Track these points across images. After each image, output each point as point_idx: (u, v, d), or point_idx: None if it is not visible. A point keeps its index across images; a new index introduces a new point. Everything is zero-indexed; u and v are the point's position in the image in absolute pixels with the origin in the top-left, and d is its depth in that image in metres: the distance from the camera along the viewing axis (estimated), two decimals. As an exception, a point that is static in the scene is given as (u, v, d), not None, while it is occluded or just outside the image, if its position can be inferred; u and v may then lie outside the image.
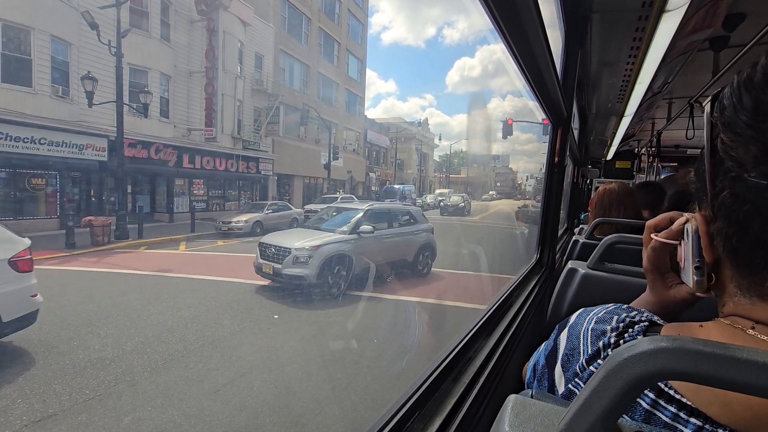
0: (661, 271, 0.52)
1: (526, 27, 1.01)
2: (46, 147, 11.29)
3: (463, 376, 0.96)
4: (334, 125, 26.38)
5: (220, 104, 17.01)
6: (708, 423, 0.33)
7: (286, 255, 6.62)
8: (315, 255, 6.56)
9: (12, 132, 10.48)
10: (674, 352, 0.24)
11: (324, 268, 6.59)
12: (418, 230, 8.61)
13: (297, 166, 22.74)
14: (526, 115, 61.63)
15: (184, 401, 3.44)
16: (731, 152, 0.33)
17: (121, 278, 7.25)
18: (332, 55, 27.46)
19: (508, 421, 0.33)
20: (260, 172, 19.94)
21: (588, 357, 0.45)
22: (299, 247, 6.63)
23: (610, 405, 0.26)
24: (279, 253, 6.73)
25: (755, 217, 0.32)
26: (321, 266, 6.54)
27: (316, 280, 6.49)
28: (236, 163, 18.44)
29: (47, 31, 11.23)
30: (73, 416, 3.14)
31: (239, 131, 18.46)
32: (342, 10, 27.99)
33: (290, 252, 6.58)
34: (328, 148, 23.73)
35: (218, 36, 16.72)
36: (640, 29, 1.87)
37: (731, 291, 0.38)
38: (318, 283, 6.50)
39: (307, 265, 6.49)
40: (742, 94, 0.32)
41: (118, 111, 11.16)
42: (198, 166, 16.61)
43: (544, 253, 2.18)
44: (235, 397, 3.53)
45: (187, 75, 16.55)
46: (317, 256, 6.57)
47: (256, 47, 19.75)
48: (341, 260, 6.89)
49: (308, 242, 6.73)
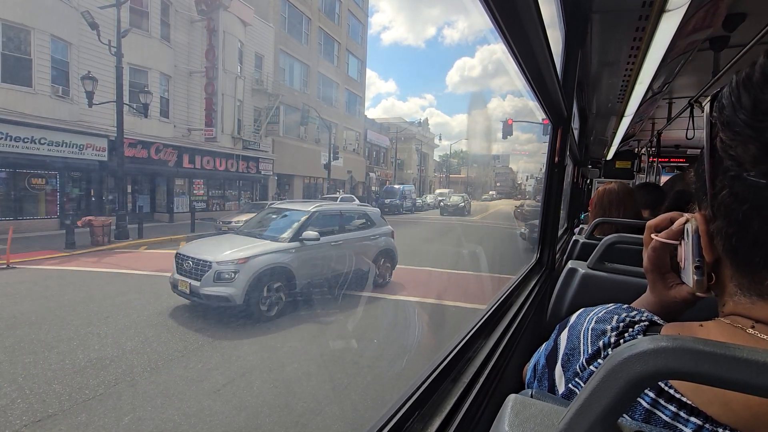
0: (662, 271, 0.52)
1: (526, 27, 1.01)
2: (46, 147, 11.29)
3: (462, 376, 0.96)
4: (334, 125, 26.38)
5: (220, 104, 17.00)
6: (708, 422, 0.33)
7: (205, 270, 5.29)
8: (243, 270, 5.29)
9: (12, 132, 10.48)
10: (674, 352, 0.24)
11: (255, 286, 5.36)
12: (376, 234, 7.51)
13: (297, 166, 22.75)
14: (526, 115, 61.65)
15: (184, 401, 3.44)
16: (730, 151, 0.33)
17: (121, 278, 7.25)
18: (332, 55, 27.46)
19: (508, 421, 0.33)
20: (260, 172, 19.94)
21: (588, 357, 0.45)
22: (222, 260, 5.33)
23: (610, 404, 0.26)
24: (197, 267, 5.35)
25: (754, 217, 0.32)
26: (250, 283, 5.30)
27: (244, 301, 5.25)
28: (236, 163, 18.44)
29: (47, 30, 11.23)
30: (73, 416, 3.14)
31: (239, 131, 18.46)
32: (342, 10, 27.99)
33: (210, 266, 5.27)
34: (328, 148, 23.73)
35: (218, 36, 16.72)
36: (640, 29, 1.87)
37: (731, 290, 0.38)
38: (246, 305, 5.28)
39: (232, 282, 5.22)
40: (741, 93, 0.32)
41: (118, 111, 11.15)
42: (198, 166, 16.61)
43: (544, 253, 2.18)
44: (235, 396, 3.53)
45: (187, 75, 16.55)
46: (246, 270, 5.31)
47: (256, 47, 19.75)
48: (278, 274, 5.70)
49: (234, 254, 5.49)
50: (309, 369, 4.18)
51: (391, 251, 7.69)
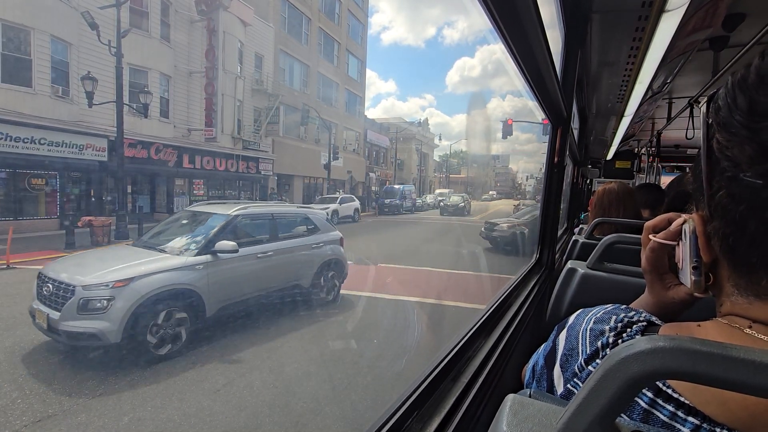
0: (660, 272, 0.52)
1: (525, 27, 1.01)
2: (46, 147, 11.30)
3: (462, 376, 0.96)
4: (334, 125, 26.39)
5: (220, 104, 17.01)
6: (705, 422, 0.33)
7: (67, 296, 3.83)
8: (121, 295, 3.89)
9: (12, 132, 10.49)
10: (672, 352, 0.24)
11: (140, 317, 3.96)
12: (319, 242, 6.20)
13: (297, 166, 22.75)
14: (526, 115, 61.59)
15: (184, 401, 3.44)
16: (727, 152, 0.33)
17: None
18: (332, 55, 27.47)
19: (506, 421, 0.33)
20: (260, 172, 19.96)
21: (586, 357, 0.45)
22: (91, 282, 3.90)
23: (608, 404, 0.26)
24: (58, 291, 3.90)
25: (751, 217, 0.32)
26: (133, 313, 3.91)
27: (123, 339, 3.85)
28: (236, 163, 18.45)
29: (47, 31, 11.24)
30: (73, 416, 3.14)
31: (239, 131, 18.47)
32: (342, 10, 28.00)
33: (73, 291, 3.83)
34: (328, 148, 23.74)
35: (218, 36, 16.72)
36: (640, 29, 1.87)
37: (728, 290, 0.38)
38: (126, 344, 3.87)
39: (105, 313, 3.81)
40: (737, 94, 0.32)
41: (118, 111, 11.15)
42: (198, 166, 16.62)
43: (543, 253, 2.18)
44: (235, 396, 3.53)
45: (187, 75, 16.56)
46: (126, 296, 3.91)
47: (256, 47, 19.76)
48: (178, 299, 4.35)
49: (109, 274, 4.06)
50: (309, 369, 4.18)
51: (339, 262, 6.43)
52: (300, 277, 5.89)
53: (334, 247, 6.42)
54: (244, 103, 18.79)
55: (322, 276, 6.11)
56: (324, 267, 6.15)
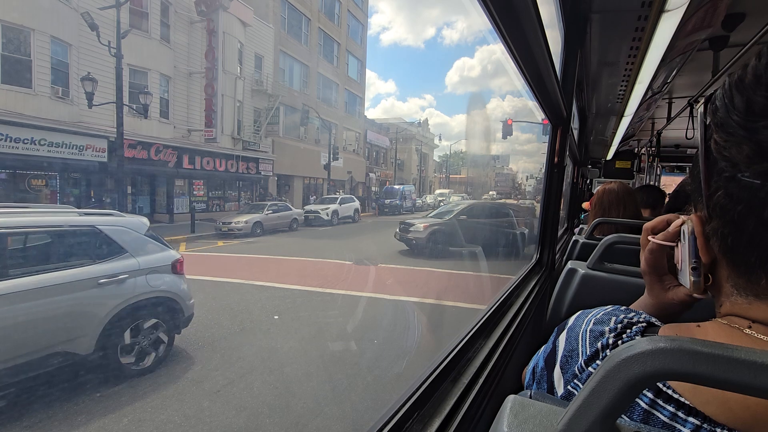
0: (659, 273, 0.52)
1: (525, 27, 1.01)
2: (46, 148, 11.31)
3: (462, 377, 0.96)
4: (334, 125, 26.39)
5: (220, 105, 17.02)
6: (706, 422, 0.33)
7: None
8: None
9: (12, 133, 10.50)
10: (672, 353, 0.24)
11: None
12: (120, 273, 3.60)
13: (297, 166, 22.75)
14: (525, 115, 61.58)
15: (184, 402, 3.44)
16: (724, 152, 0.33)
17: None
18: (332, 56, 27.48)
19: (507, 422, 0.33)
20: (260, 172, 19.95)
21: (587, 358, 0.45)
22: None
23: (608, 405, 0.26)
24: None
25: (750, 217, 0.32)
26: None
27: None
28: (236, 164, 18.44)
29: (47, 32, 11.25)
30: (73, 416, 3.14)
31: (239, 132, 18.46)
32: (342, 11, 28.01)
33: None
34: (328, 148, 23.75)
35: (218, 37, 16.73)
36: (640, 29, 1.87)
37: (728, 291, 0.38)
38: None
39: None
40: (734, 94, 0.32)
41: (118, 112, 11.13)
42: (198, 166, 16.61)
43: (543, 253, 2.18)
44: (235, 397, 3.52)
45: (187, 76, 16.56)
46: None
47: (256, 48, 19.76)
48: None
49: None
50: (309, 369, 4.17)
51: (170, 301, 4.03)
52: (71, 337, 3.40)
53: (158, 277, 3.94)
54: (244, 103, 18.79)
55: (129, 329, 3.68)
56: (131, 314, 3.68)
